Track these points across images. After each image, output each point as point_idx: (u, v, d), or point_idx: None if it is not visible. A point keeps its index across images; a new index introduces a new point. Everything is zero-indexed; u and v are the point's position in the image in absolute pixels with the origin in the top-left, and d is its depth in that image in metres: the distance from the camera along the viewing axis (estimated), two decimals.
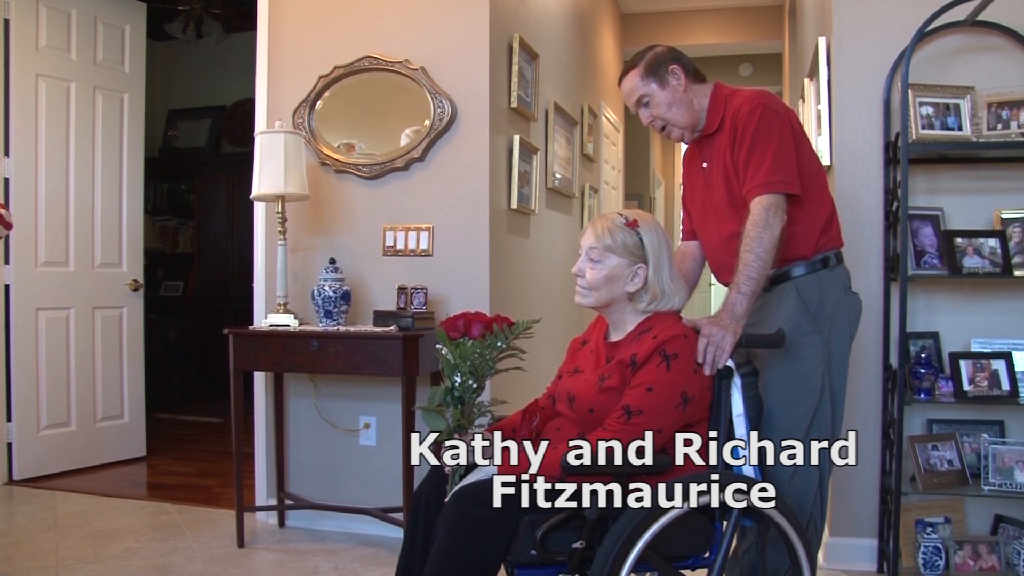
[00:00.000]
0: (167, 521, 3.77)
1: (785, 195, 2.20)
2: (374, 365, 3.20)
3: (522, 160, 3.91)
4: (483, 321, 2.16)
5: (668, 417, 1.92)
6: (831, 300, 2.28)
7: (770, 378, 2.24)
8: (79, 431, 4.67)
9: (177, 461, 5.00)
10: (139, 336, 5.02)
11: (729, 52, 7.45)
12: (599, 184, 6.09)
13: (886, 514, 3.08)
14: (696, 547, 1.94)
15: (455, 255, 3.58)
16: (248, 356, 3.35)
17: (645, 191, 8.85)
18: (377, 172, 3.65)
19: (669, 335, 1.98)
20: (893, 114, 3.13)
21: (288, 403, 3.78)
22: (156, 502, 4.08)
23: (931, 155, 3.06)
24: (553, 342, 4.38)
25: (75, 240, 4.68)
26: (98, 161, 4.79)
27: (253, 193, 3.47)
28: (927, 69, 3.10)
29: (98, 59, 4.79)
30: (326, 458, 3.74)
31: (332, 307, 3.37)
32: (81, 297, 4.70)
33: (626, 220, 2.10)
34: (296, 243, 3.75)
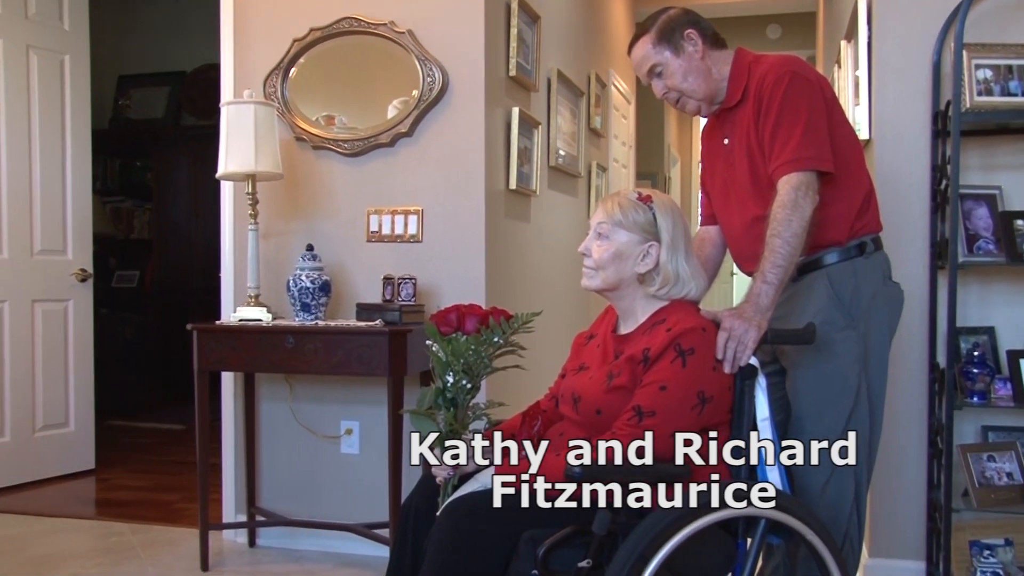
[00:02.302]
0: (119, 543, 3.79)
1: (816, 173, 2.21)
2: (357, 364, 3.23)
3: (522, 135, 3.93)
4: (478, 314, 2.18)
5: (683, 419, 1.94)
6: (868, 291, 2.30)
7: (799, 378, 2.26)
8: (15, 442, 4.66)
9: (132, 474, 5.03)
10: (88, 333, 5.04)
11: (754, 12, 7.46)
12: (608, 162, 6.11)
13: (934, 533, 3.10)
14: (717, 567, 1.96)
15: (447, 241, 3.60)
16: (215, 355, 3.38)
17: (659, 170, 8.86)
18: (360, 148, 3.67)
19: (685, 327, 2.01)
20: (944, 79, 3.12)
21: (260, 407, 3.81)
22: (107, 521, 4.10)
23: (988, 125, 3.05)
24: (556, 338, 4.40)
25: (9, 223, 4.64)
26: (35, 133, 4.76)
27: (219, 171, 3.49)
28: (985, 27, 3.07)
29: (30, 12, 4.73)
30: (303, 468, 3.77)
31: (310, 299, 3.39)
32: (18, 289, 4.68)
33: (639, 195, 2.15)
34: (269, 228, 3.77)
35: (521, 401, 2.50)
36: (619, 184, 6.50)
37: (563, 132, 4.77)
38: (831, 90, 2.35)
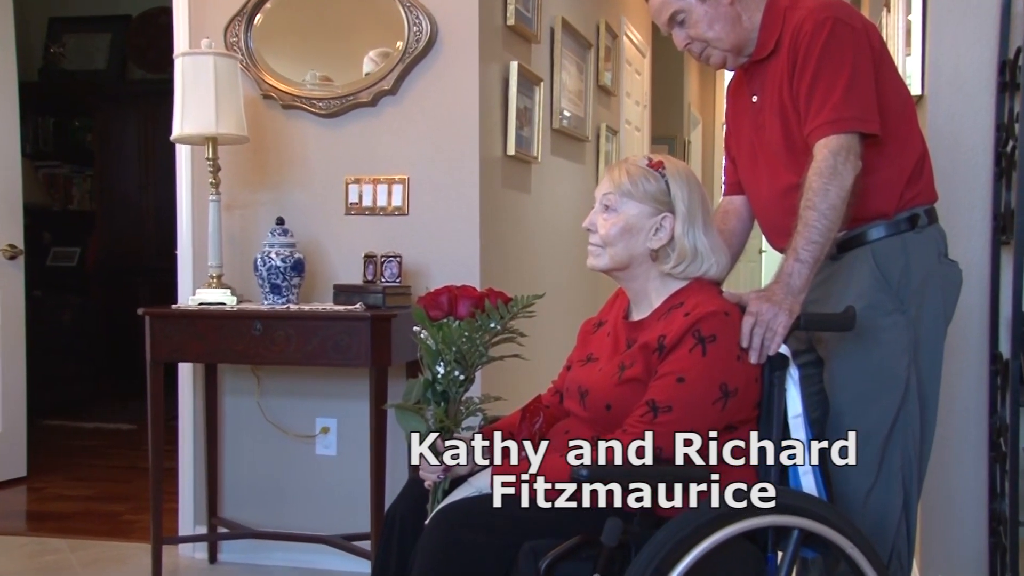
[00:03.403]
0: (56, 562, 3.79)
1: (860, 135, 2.22)
2: (334, 353, 3.25)
3: (521, 93, 3.94)
4: (472, 297, 2.20)
5: (704, 415, 1.97)
6: (919, 270, 2.31)
7: (838, 370, 2.28)
8: None
9: (73, 482, 5.03)
10: (18, 319, 5.03)
11: None
12: (619, 124, 6.11)
13: (998, 550, 3.09)
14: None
15: (437, 214, 3.62)
16: (171, 343, 3.39)
17: (678, 133, 8.84)
18: (337, 108, 3.67)
19: (705, 312, 2.03)
20: (1014, 20, 3.09)
21: (223, 403, 3.83)
22: (41, 537, 4.10)
23: None
24: (560, 324, 4.43)
25: None
26: None
27: (174, 133, 3.49)
28: None
29: None
30: (272, 472, 3.79)
31: (280, 280, 3.41)
32: None
33: (649, 161, 2.17)
34: (233, 199, 3.79)
35: (521, 396, 2.52)
36: (631, 150, 6.51)
37: (568, 90, 4.78)
38: (879, 38, 2.35)
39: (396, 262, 3.46)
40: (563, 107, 4.65)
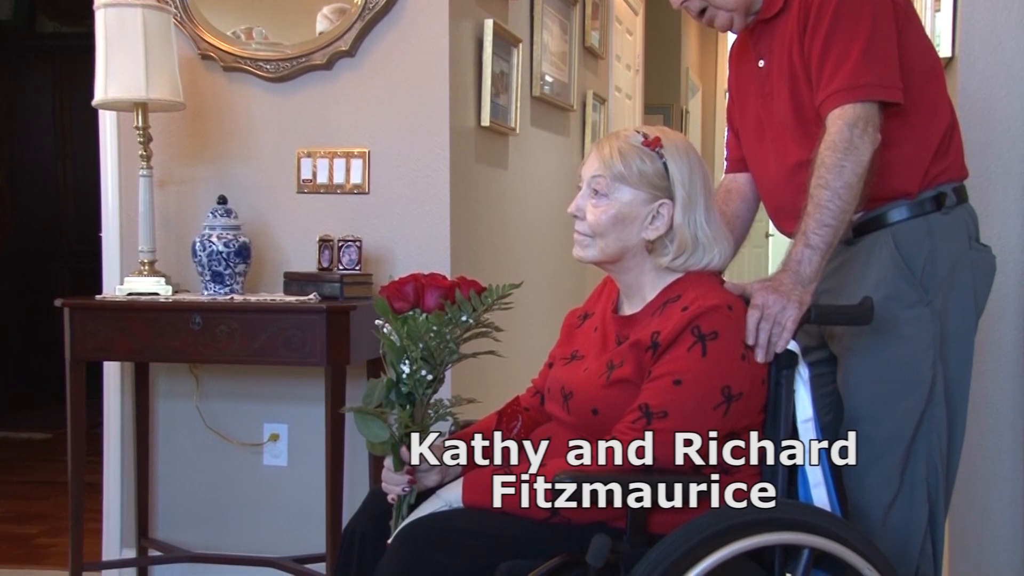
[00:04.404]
0: None
1: (879, 104, 2.23)
2: (285, 350, 3.25)
3: (497, 56, 3.95)
4: (442, 286, 2.21)
5: (704, 422, 1.98)
6: (947, 256, 2.33)
7: (854, 369, 2.31)
8: None
9: None
10: None
11: None
12: (607, 91, 6.13)
13: None
14: None
15: (401, 193, 3.62)
16: (95, 340, 3.37)
17: (674, 102, 8.85)
18: (287, 71, 3.67)
19: (706, 306, 2.04)
20: None
21: (156, 407, 3.82)
22: None
23: None
24: (542, 316, 4.46)
25: None
26: None
27: (96, 98, 3.47)
28: None
29: None
30: (213, 486, 3.79)
31: (223, 267, 3.41)
32: None
33: (645, 138, 2.16)
34: (167, 174, 3.77)
35: (496, 398, 2.53)
36: (622, 120, 6.53)
37: (550, 52, 4.78)
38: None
39: (355, 247, 3.47)
40: (544, 72, 4.66)
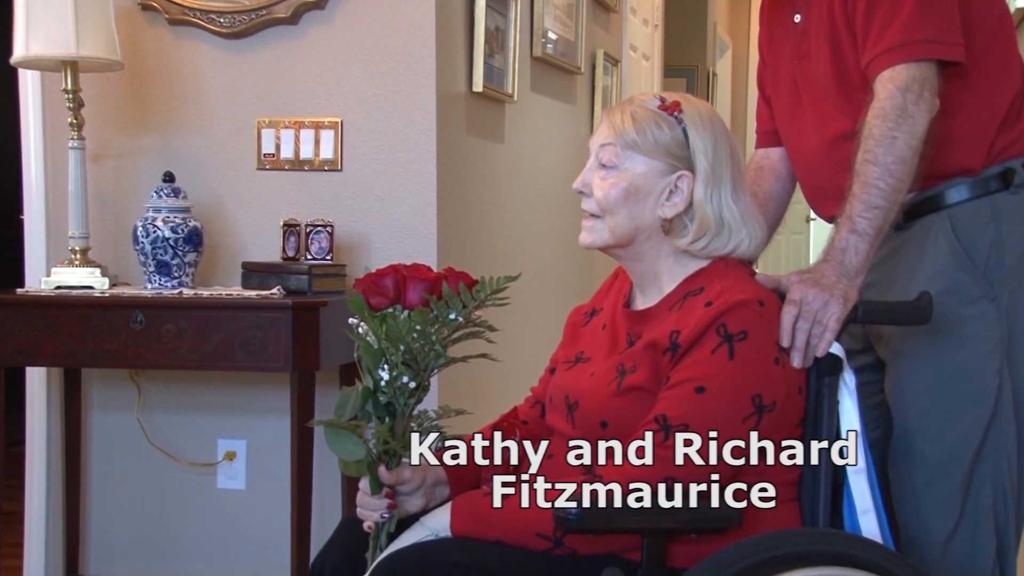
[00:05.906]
0: None
1: (937, 64, 2.22)
2: (243, 354, 3.25)
3: (492, 10, 3.94)
4: (427, 279, 2.21)
5: (731, 435, 1.97)
6: (1016, 244, 2.33)
7: (906, 376, 2.31)
8: None
9: None
10: None
11: None
12: (621, 51, 6.13)
13: None
14: None
15: (380, 169, 3.62)
16: (15, 341, 3.38)
17: (700, 63, 8.89)
18: (244, 25, 3.66)
19: (733, 301, 2.03)
20: None
21: (90, 421, 3.83)
22: None
23: None
24: (543, 314, 4.45)
25: None
26: None
27: (16, 55, 3.45)
28: None
29: None
30: (158, 513, 3.79)
31: (170, 256, 3.41)
32: None
33: (662, 102, 2.15)
34: (103, 146, 3.77)
35: (490, 409, 2.53)
36: (638, 85, 6.54)
37: (554, 5, 4.78)
38: None
39: (326, 233, 3.46)
40: (547, 28, 4.66)
